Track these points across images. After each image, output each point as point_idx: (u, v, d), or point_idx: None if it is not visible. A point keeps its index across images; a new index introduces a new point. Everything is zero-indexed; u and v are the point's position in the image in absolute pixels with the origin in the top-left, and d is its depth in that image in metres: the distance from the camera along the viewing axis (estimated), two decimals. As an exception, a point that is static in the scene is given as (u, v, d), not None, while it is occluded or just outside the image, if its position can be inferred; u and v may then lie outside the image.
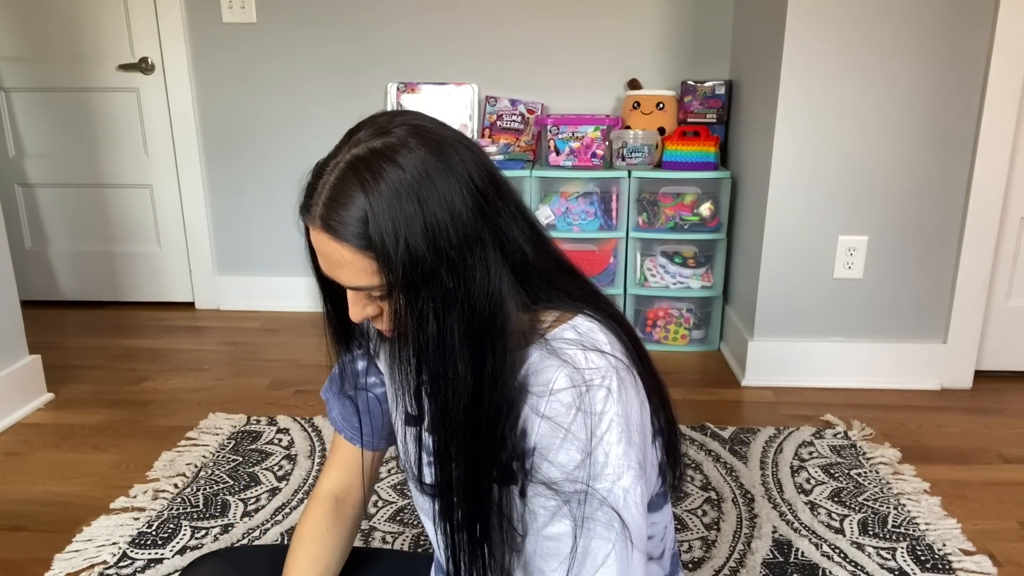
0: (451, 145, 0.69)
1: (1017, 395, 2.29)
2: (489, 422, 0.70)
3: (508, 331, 0.70)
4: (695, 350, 2.66)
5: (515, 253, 0.72)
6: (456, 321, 0.68)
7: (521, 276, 0.73)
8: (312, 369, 2.48)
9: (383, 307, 0.73)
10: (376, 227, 0.66)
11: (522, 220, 0.74)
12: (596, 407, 0.70)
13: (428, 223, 0.66)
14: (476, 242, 0.68)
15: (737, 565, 1.50)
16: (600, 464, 0.70)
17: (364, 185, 0.66)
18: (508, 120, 2.76)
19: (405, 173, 0.66)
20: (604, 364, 0.71)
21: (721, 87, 2.62)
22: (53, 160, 2.99)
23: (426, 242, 0.66)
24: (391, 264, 0.67)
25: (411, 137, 0.68)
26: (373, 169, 0.67)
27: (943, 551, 1.54)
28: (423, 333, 0.69)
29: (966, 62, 2.08)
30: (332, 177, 0.68)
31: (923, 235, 2.22)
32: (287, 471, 1.84)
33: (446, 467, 0.73)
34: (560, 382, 0.70)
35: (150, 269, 3.10)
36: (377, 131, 0.69)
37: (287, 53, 2.83)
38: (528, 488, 0.73)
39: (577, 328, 0.74)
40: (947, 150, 2.15)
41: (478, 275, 0.68)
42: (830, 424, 2.08)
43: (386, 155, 0.67)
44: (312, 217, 0.69)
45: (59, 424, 2.11)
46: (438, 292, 0.68)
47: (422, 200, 0.66)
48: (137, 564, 1.51)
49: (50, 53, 2.87)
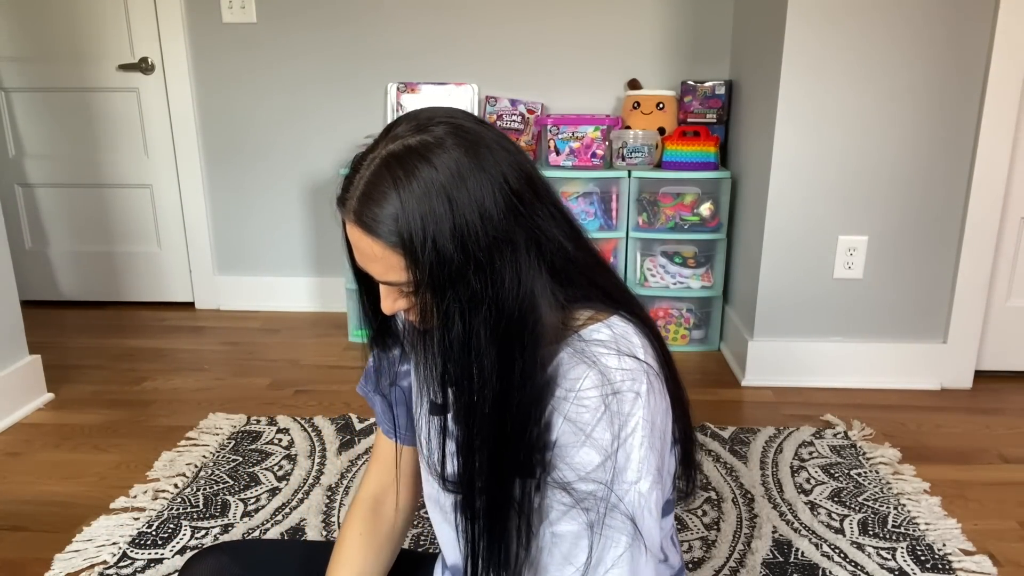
0: (488, 146, 0.69)
1: (1017, 395, 2.29)
2: (516, 422, 0.71)
3: (539, 333, 0.70)
4: (695, 350, 2.66)
5: (555, 251, 0.72)
6: (483, 323, 0.69)
7: (563, 273, 0.73)
8: (312, 369, 2.48)
9: (415, 301, 0.74)
10: (406, 225, 0.67)
11: (561, 218, 0.74)
12: (624, 408, 0.70)
13: (457, 224, 0.66)
14: (506, 244, 0.68)
15: (737, 565, 1.50)
16: (621, 467, 0.70)
17: (397, 182, 0.67)
18: (508, 120, 2.76)
19: (438, 173, 0.67)
20: (636, 367, 0.71)
21: (721, 87, 2.62)
22: (53, 160, 2.99)
23: (454, 243, 0.67)
24: (419, 262, 0.67)
25: (448, 136, 0.68)
26: (407, 167, 0.67)
27: (943, 551, 1.54)
28: (448, 332, 0.69)
29: (966, 62, 2.08)
30: (368, 172, 0.69)
31: (923, 235, 2.22)
32: (287, 471, 1.84)
33: (470, 459, 0.73)
34: (588, 382, 0.70)
35: (150, 269, 3.10)
36: (416, 128, 0.70)
37: (287, 53, 2.83)
38: (544, 482, 0.73)
39: (612, 328, 0.74)
40: (947, 150, 2.15)
41: (507, 278, 0.69)
42: (830, 424, 2.08)
43: (421, 153, 0.67)
44: (347, 211, 0.70)
45: (59, 424, 2.11)
46: (465, 293, 0.68)
47: (452, 200, 0.66)
48: (137, 564, 1.51)
49: (50, 53, 2.87)
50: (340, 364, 2.53)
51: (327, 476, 1.82)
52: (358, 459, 1.90)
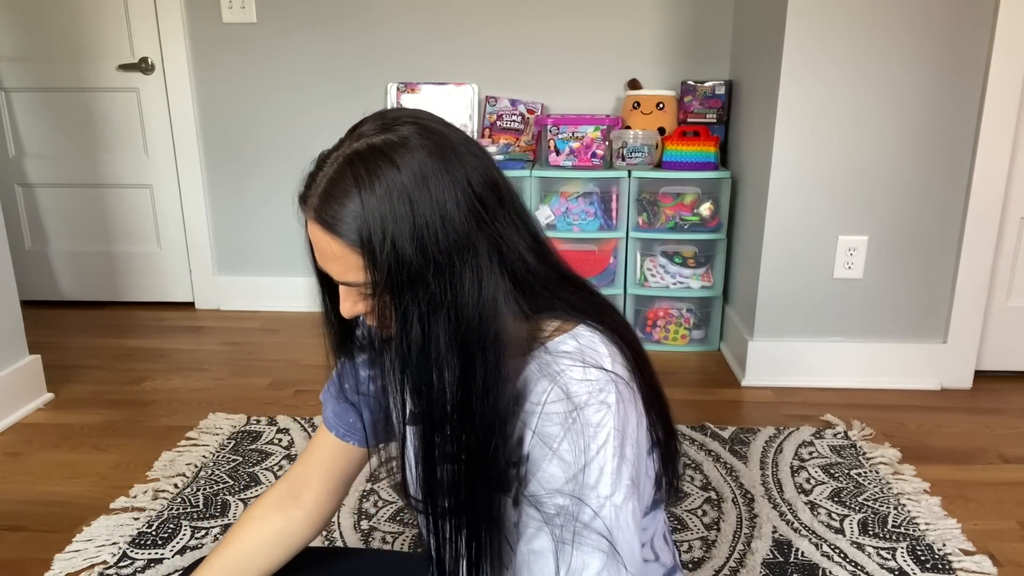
0: (453, 148, 0.69)
1: (1017, 395, 2.29)
2: (480, 434, 0.69)
3: (502, 341, 0.69)
4: (695, 350, 2.66)
5: (515, 261, 0.71)
6: (442, 328, 0.67)
7: (523, 284, 0.71)
8: (312, 369, 2.48)
9: (374, 304, 0.73)
10: (365, 225, 0.66)
11: (524, 229, 0.73)
12: (592, 420, 0.68)
13: (418, 225, 0.66)
14: (467, 248, 0.67)
15: (737, 565, 1.50)
16: (593, 481, 0.69)
17: (359, 181, 0.66)
18: (508, 120, 2.76)
19: (400, 173, 0.66)
20: (602, 377, 0.70)
21: (721, 87, 2.62)
22: (53, 160, 2.99)
23: (414, 244, 0.66)
24: (377, 263, 0.66)
25: (413, 136, 0.68)
26: (369, 166, 0.66)
27: (943, 551, 1.54)
28: (407, 336, 0.68)
29: (966, 62, 2.08)
30: (331, 170, 0.69)
31: (923, 235, 2.22)
32: (287, 471, 1.84)
33: (429, 471, 0.72)
34: (552, 396, 0.69)
35: (150, 269, 3.10)
36: (381, 127, 0.69)
37: (287, 53, 2.83)
38: (522, 497, 0.71)
39: (578, 338, 0.73)
40: (947, 150, 2.15)
41: (467, 283, 0.67)
42: (830, 424, 2.08)
43: (384, 153, 0.67)
44: (308, 208, 0.70)
45: (59, 424, 2.11)
46: (424, 296, 0.67)
47: (414, 201, 0.66)
48: (137, 564, 1.51)
49: (50, 53, 2.87)
50: (340, 364, 2.53)
51: (327, 476, 1.82)
52: (358, 459, 1.90)
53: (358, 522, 1.65)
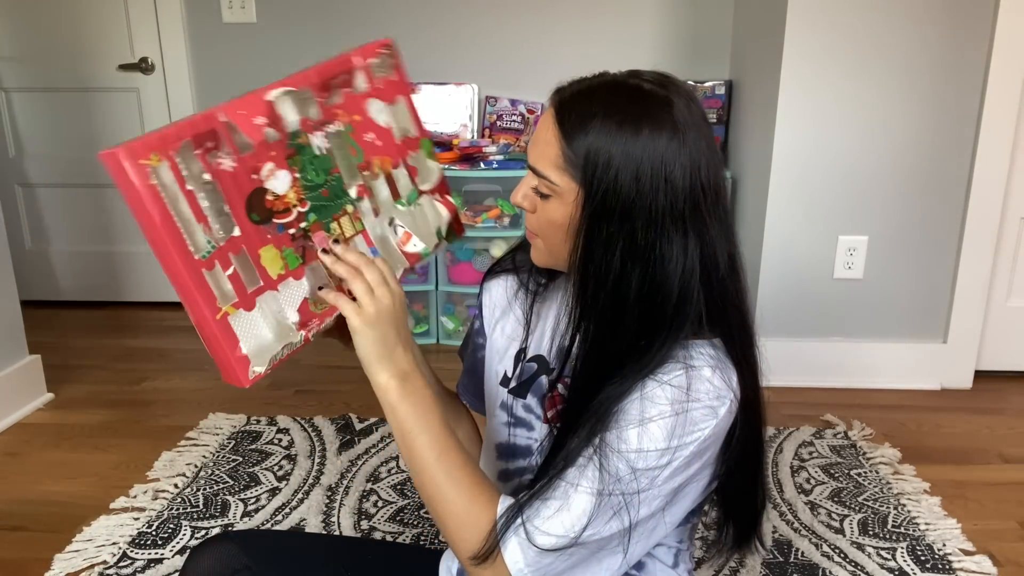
0: (705, 138, 0.71)
1: (1017, 395, 2.29)
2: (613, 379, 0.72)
3: (678, 324, 0.71)
4: (695, 350, 2.66)
5: (711, 261, 0.72)
6: (637, 277, 0.70)
7: (707, 286, 0.72)
8: (312, 369, 2.47)
9: (539, 206, 0.75)
10: (595, 145, 0.69)
11: (729, 239, 0.74)
12: (695, 418, 0.70)
13: (642, 172, 0.68)
14: (679, 221, 0.70)
15: (737, 565, 1.50)
16: (653, 465, 0.70)
17: (612, 108, 0.70)
18: (508, 120, 2.76)
19: (649, 123, 0.69)
20: (724, 388, 0.72)
21: (721, 87, 2.62)
22: (53, 160, 2.99)
23: (632, 186, 0.69)
24: (592, 184, 0.69)
25: (681, 108, 0.70)
26: (628, 103, 0.70)
27: (943, 551, 1.54)
28: (607, 262, 0.70)
29: (966, 62, 2.08)
30: (599, 82, 0.73)
31: (923, 235, 2.22)
32: (287, 471, 1.84)
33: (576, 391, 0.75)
34: (677, 381, 0.71)
35: (150, 269, 3.10)
36: (658, 82, 0.72)
37: (287, 53, 2.82)
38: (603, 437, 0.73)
39: (717, 350, 0.75)
40: (947, 150, 2.15)
41: (673, 251, 0.70)
42: (830, 424, 2.08)
43: (645, 101, 0.70)
44: (556, 97, 0.74)
45: (59, 424, 2.11)
46: (628, 237, 0.69)
47: (647, 154, 0.69)
48: (137, 564, 1.51)
49: (50, 53, 2.87)
50: (340, 364, 2.53)
51: (327, 476, 1.82)
52: (358, 459, 1.90)
53: (358, 522, 1.65)
